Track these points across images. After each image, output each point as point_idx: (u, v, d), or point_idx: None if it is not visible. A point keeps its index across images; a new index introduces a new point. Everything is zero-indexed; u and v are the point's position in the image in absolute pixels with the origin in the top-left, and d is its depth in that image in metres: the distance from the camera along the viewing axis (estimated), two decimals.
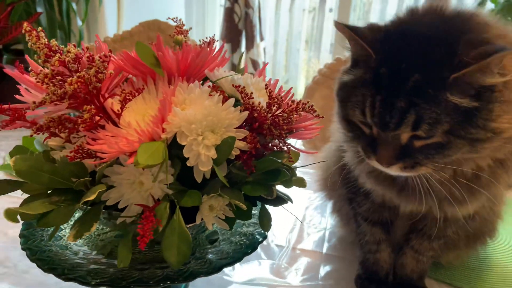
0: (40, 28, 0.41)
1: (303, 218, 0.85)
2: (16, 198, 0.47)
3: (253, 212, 0.60)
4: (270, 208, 0.53)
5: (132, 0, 2.15)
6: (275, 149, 0.51)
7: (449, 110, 0.43)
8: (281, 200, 0.51)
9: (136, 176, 0.45)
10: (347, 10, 2.40)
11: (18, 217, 0.43)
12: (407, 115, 0.44)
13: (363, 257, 0.65)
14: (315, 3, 3.02)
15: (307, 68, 3.20)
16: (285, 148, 0.51)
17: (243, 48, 2.41)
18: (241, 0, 2.28)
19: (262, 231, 0.57)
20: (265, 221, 0.54)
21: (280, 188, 0.53)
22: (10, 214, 0.42)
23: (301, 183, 0.54)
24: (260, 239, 0.55)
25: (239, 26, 2.34)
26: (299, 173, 0.94)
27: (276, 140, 0.51)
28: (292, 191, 0.52)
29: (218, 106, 0.46)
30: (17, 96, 0.51)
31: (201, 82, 0.54)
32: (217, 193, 0.44)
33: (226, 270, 0.67)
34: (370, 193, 0.58)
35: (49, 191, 0.46)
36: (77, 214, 0.54)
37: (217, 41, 0.60)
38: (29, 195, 0.45)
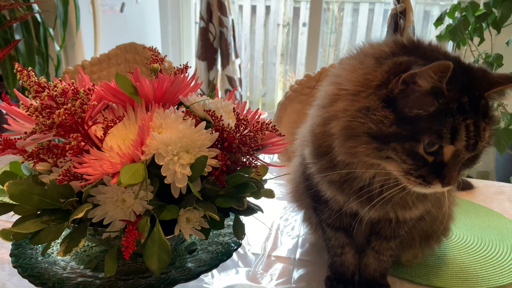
0: (30, 68, 0.46)
1: (278, 227, 0.91)
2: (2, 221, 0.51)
3: (229, 223, 0.66)
4: (246, 220, 0.59)
5: (109, 23, 2.20)
6: (247, 164, 0.57)
7: (493, 124, 0.53)
8: (251, 210, 0.57)
9: (119, 195, 0.50)
10: (318, 24, 2.51)
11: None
12: (485, 134, 0.51)
13: (331, 260, 0.71)
14: (289, 18, 3.13)
15: (284, 81, 3.30)
16: (254, 163, 0.57)
17: (219, 65, 2.48)
18: (215, 20, 2.36)
19: (237, 240, 0.62)
20: (238, 231, 0.60)
21: (256, 200, 0.58)
22: (5, 234, 0.46)
23: (269, 194, 0.60)
24: (235, 247, 0.61)
25: (214, 45, 2.41)
26: (275, 186, 1.01)
27: (247, 156, 0.57)
28: (268, 203, 0.56)
29: (191, 129, 0.52)
30: (5, 126, 0.56)
31: (176, 106, 0.60)
32: (193, 206, 0.49)
33: (206, 278, 0.72)
34: (329, 201, 0.64)
35: (39, 212, 0.51)
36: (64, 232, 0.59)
37: (190, 67, 0.66)
38: (20, 216, 0.50)
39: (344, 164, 0.56)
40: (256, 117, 0.63)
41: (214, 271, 0.74)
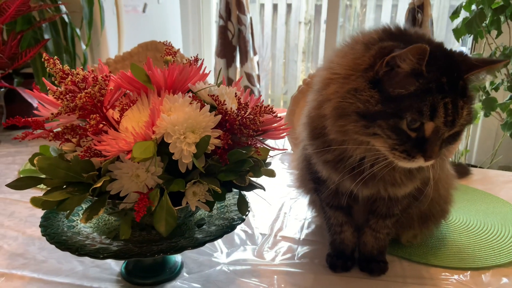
0: (55, 57, 0.53)
1: (285, 211, 0.96)
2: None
3: (235, 202, 0.71)
4: (255, 203, 0.63)
5: (132, 23, 2.30)
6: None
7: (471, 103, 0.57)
8: (253, 186, 0.62)
9: (133, 170, 0.57)
10: (335, 21, 2.54)
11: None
12: (463, 112, 0.56)
13: (331, 238, 0.76)
14: (311, 15, 3.16)
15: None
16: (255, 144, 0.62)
17: (237, 62, 2.55)
18: (233, 18, 2.42)
19: (241, 216, 0.68)
20: (242, 207, 0.65)
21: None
22: (35, 201, 0.53)
23: (270, 174, 0.65)
24: (239, 222, 0.66)
25: (233, 43, 2.48)
26: (286, 174, 1.08)
27: (248, 138, 0.62)
28: (276, 190, 0.59)
29: (196, 112, 0.58)
30: (35, 111, 0.64)
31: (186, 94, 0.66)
32: (197, 179, 0.55)
33: (215, 254, 0.78)
34: (326, 180, 0.69)
35: (64, 186, 0.58)
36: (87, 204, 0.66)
37: (201, 59, 0.72)
38: (49, 188, 0.57)
39: (337, 144, 0.60)
40: (259, 103, 0.68)
41: (223, 248, 0.80)
